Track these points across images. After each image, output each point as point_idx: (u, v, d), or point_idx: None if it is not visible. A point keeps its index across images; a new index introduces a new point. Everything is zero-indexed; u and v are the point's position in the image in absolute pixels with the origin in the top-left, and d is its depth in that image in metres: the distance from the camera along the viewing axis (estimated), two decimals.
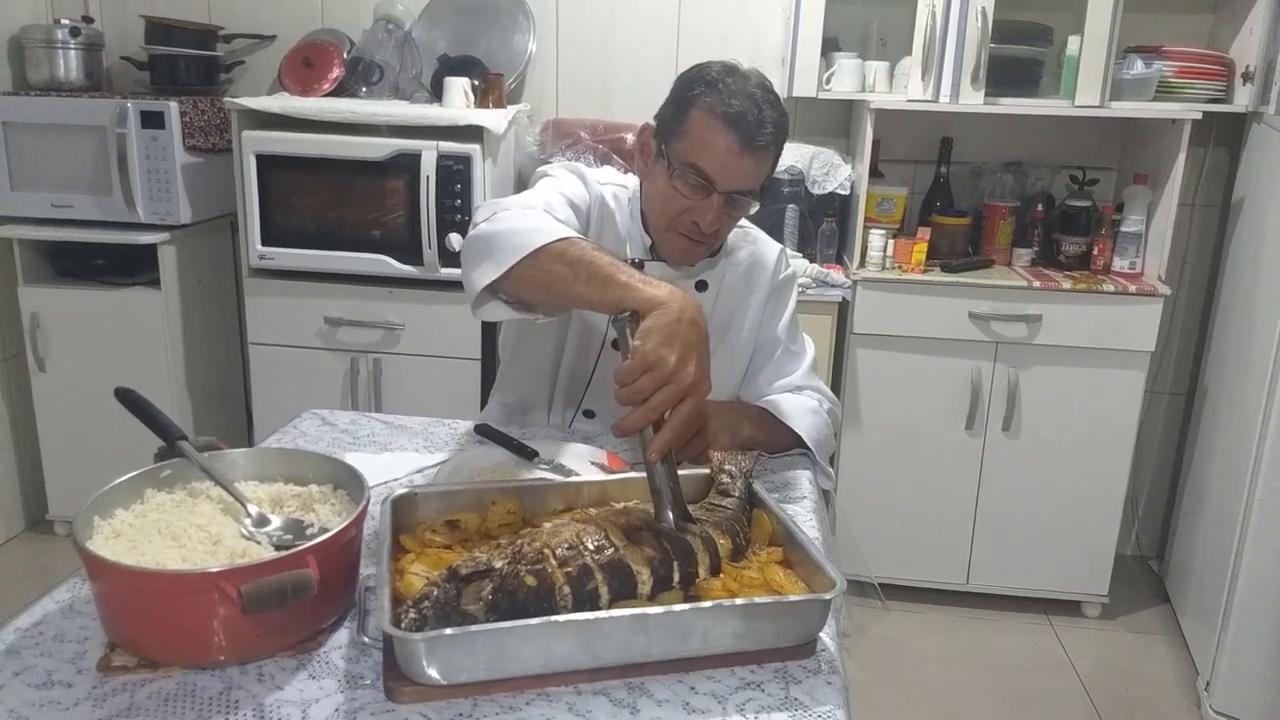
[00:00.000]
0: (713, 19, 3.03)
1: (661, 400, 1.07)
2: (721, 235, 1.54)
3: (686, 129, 1.44)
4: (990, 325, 2.69)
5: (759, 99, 1.42)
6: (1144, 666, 2.70)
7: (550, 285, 1.22)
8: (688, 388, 1.08)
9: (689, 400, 1.09)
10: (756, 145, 1.42)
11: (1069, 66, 2.64)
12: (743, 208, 1.50)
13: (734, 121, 1.40)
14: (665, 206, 1.50)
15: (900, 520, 2.85)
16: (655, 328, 1.10)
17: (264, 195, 2.72)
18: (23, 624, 0.99)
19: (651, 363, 1.08)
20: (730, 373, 1.67)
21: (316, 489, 1.12)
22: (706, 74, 1.45)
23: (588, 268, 1.19)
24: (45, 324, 2.92)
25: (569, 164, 1.62)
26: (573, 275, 1.20)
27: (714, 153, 1.42)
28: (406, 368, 2.83)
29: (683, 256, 1.56)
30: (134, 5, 3.16)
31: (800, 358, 1.68)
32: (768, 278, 1.67)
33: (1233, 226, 2.79)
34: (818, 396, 1.64)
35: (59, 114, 2.80)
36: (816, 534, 1.28)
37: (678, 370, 1.08)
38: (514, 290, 1.27)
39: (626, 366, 1.09)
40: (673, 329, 1.10)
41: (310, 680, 0.93)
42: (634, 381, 1.08)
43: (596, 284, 1.18)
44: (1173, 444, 3.17)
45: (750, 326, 1.67)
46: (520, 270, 1.23)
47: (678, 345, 1.09)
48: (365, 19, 3.04)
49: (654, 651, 0.94)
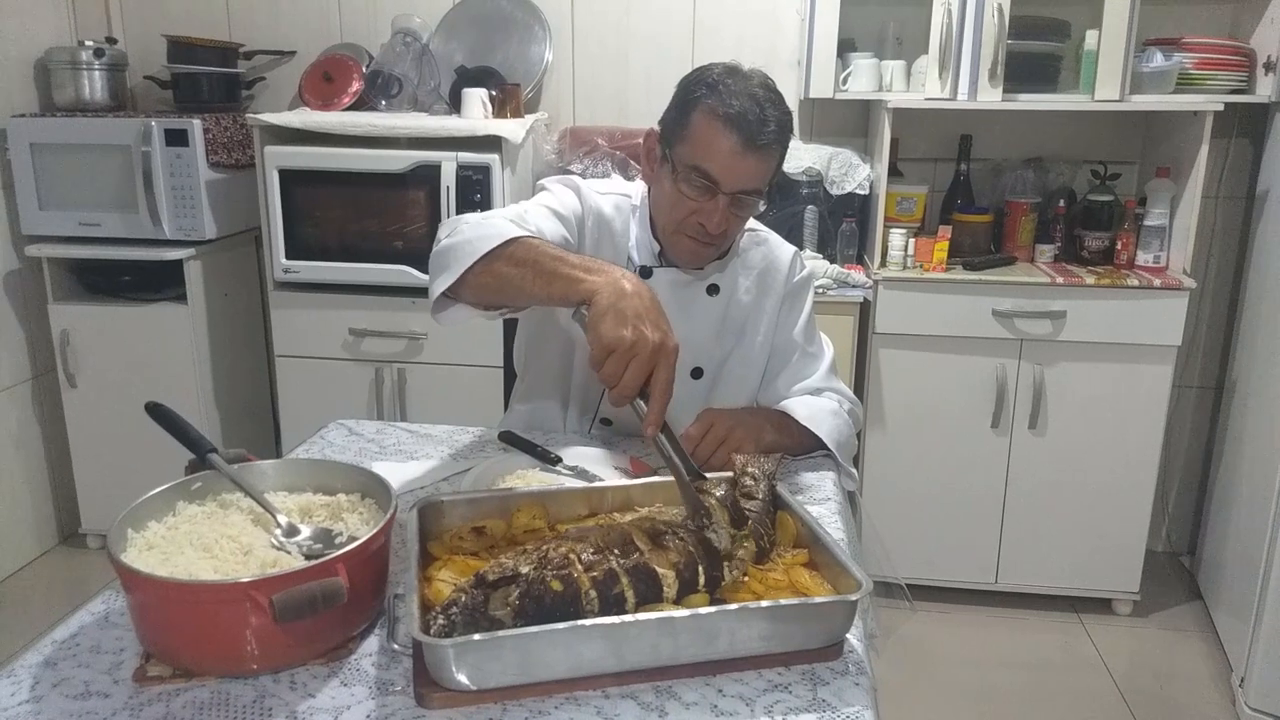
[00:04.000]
0: (727, 23, 3.04)
1: (633, 376, 1.10)
2: (729, 236, 1.55)
3: (689, 131, 1.45)
4: (1014, 323, 2.67)
5: (761, 98, 1.43)
6: (1177, 664, 2.67)
7: (502, 288, 1.27)
8: (652, 354, 1.11)
9: (661, 365, 1.11)
10: (759, 144, 1.42)
11: (1087, 61, 2.62)
12: (749, 208, 1.50)
13: (735, 122, 1.41)
14: (672, 209, 1.50)
15: (927, 520, 2.84)
16: (600, 312, 1.13)
17: (287, 209, 2.75)
18: (59, 636, 1.01)
19: (609, 345, 1.11)
20: (747, 376, 1.67)
21: (345, 498, 1.13)
22: (708, 76, 1.46)
23: (534, 266, 1.23)
24: (75, 341, 2.96)
25: (566, 178, 1.63)
26: (521, 276, 1.24)
27: (717, 154, 1.43)
28: (430, 377, 2.85)
29: (692, 259, 1.57)
30: (156, 25, 3.20)
31: (818, 359, 1.68)
32: (782, 281, 1.67)
33: (1258, 218, 2.76)
34: (838, 398, 1.64)
35: (85, 134, 2.84)
36: (841, 535, 1.28)
37: (636, 343, 1.10)
38: (472, 296, 1.31)
39: (592, 357, 1.13)
40: (617, 307, 1.13)
41: (342, 687, 0.94)
42: (602, 365, 1.11)
43: (543, 281, 1.22)
44: (1202, 438, 3.13)
45: (766, 330, 1.67)
46: (473, 277, 1.27)
47: (628, 319, 1.12)
48: (383, 33, 3.07)
49: (681, 654, 0.94)
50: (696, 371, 1.64)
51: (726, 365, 1.66)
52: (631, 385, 1.10)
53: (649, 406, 1.11)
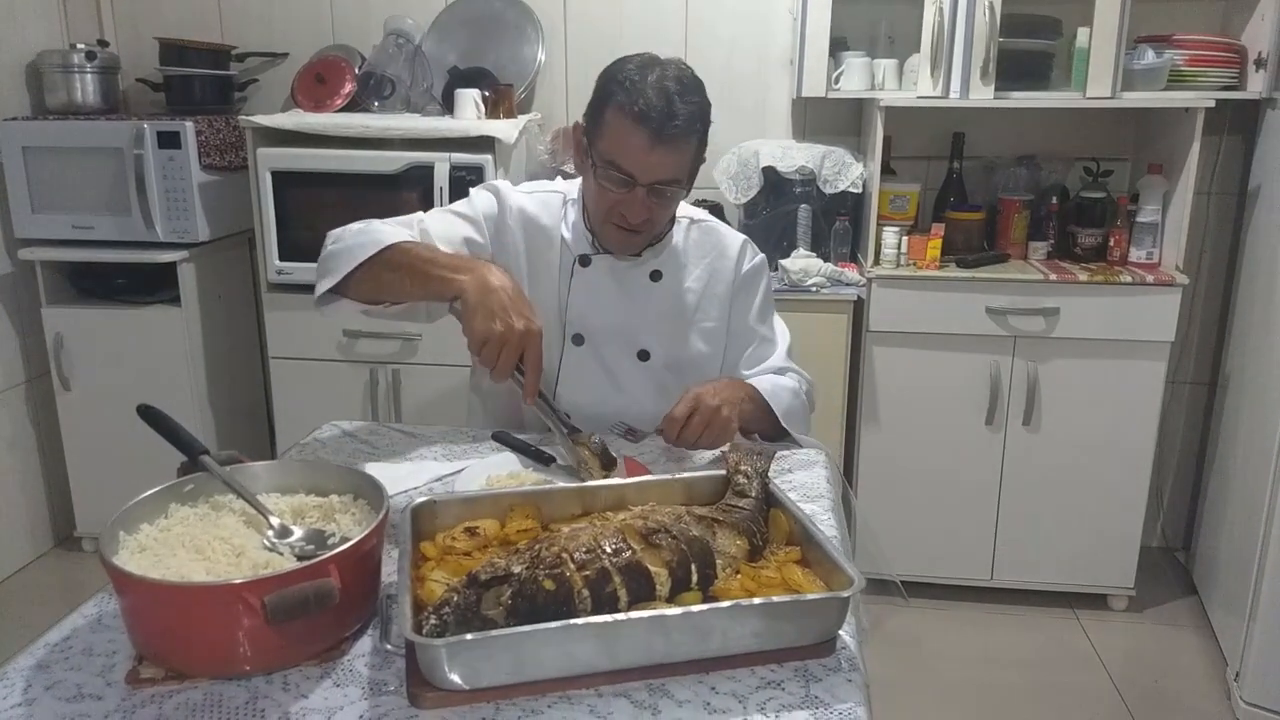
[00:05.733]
0: (719, 23, 3.04)
1: (506, 360, 1.29)
2: (655, 224, 1.60)
3: (604, 128, 1.51)
4: (1008, 320, 2.68)
5: (670, 91, 1.46)
6: (1172, 659, 2.68)
7: (381, 289, 1.44)
8: (520, 340, 1.28)
9: (529, 347, 1.29)
10: (667, 137, 1.46)
11: (1079, 58, 2.62)
12: (669, 197, 1.55)
13: (643, 117, 1.45)
14: (597, 201, 1.57)
15: (922, 517, 2.84)
16: (471, 309, 1.30)
17: (280, 211, 2.75)
18: (52, 639, 1.01)
19: (481, 338, 1.28)
20: (701, 358, 1.72)
21: (337, 499, 1.13)
22: (619, 73, 1.50)
23: (408, 269, 1.39)
24: (69, 344, 2.96)
25: (490, 183, 1.72)
26: (397, 278, 1.40)
27: (628, 149, 1.48)
28: (424, 378, 2.85)
29: (621, 247, 1.63)
30: (148, 28, 3.20)
31: (774, 344, 1.75)
32: (731, 268, 1.72)
33: (1250, 213, 2.77)
34: (797, 378, 1.71)
35: (77, 137, 2.84)
36: (834, 532, 1.28)
37: (504, 333, 1.28)
38: (356, 295, 1.47)
39: (470, 344, 1.30)
40: (484, 303, 1.30)
41: (335, 688, 0.94)
42: (479, 353, 1.29)
43: (418, 281, 1.38)
44: (1196, 434, 3.14)
45: (719, 316, 1.72)
46: (355, 281, 1.43)
47: (495, 311, 1.29)
48: (376, 34, 3.07)
49: (674, 652, 0.94)
50: (643, 354, 1.69)
51: (681, 350, 1.71)
52: (506, 367, 1.29)
53: (525, 380, 1.31)
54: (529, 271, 1.65)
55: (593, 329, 1.66)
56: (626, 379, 1.67)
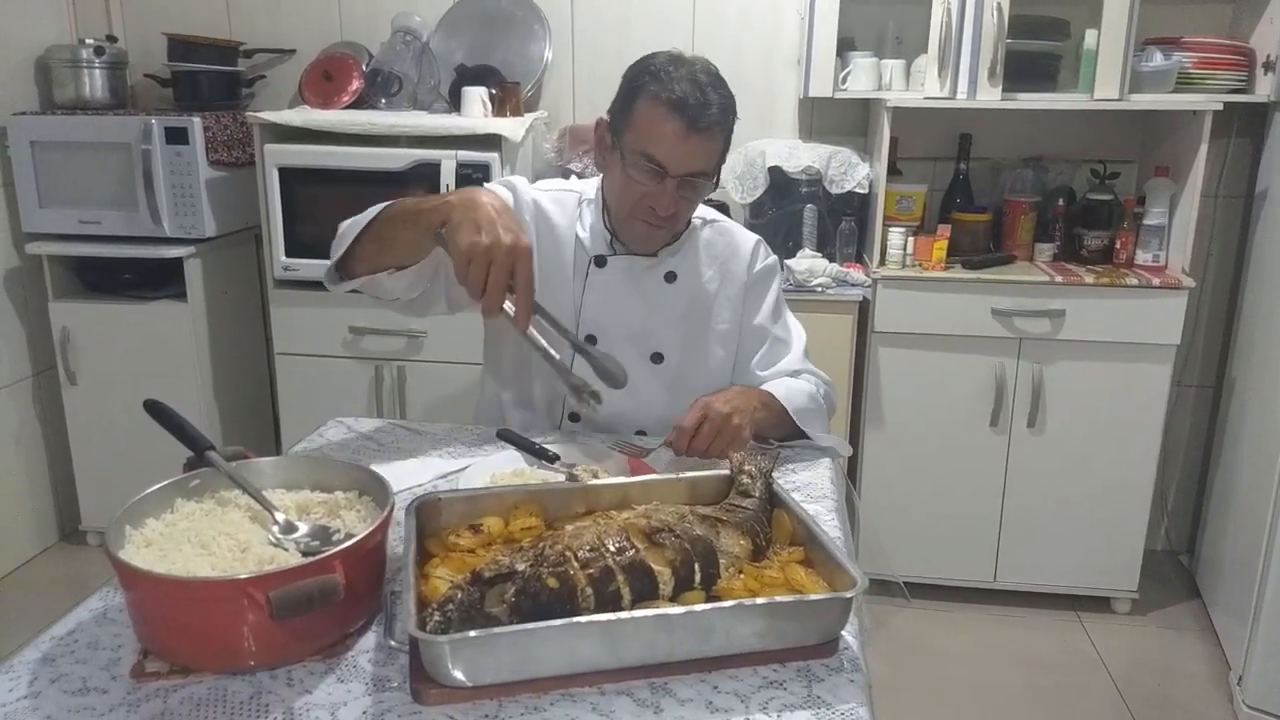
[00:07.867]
0: (727, 22, 3.04)
1: (495, 279, 1.19)
2: (680, 217, 1.59)
3: (635, 119, 1.50)
4: (1013, 321, 2.67)
5: (702, 83, 1.47)
6: (1175, 662, 2.67)
7: (384, 245, 1.40)
8: (508, 254, 1.20)
9: (519, 264, 1.21)
10: (702, 126, 1.46)
11: (1087, 60, 2.62)
12: (698, 189, 1.54)
13: (678, 106, 1.45)
14: (623, 195, 1.55)
15: (926, 518, 2.84)
16: (456, 224, 1.23)
17: (287, 207, 2.75)
18: (58, 633, 1.02)
19: (466, 252, 1.19)
20: (715, 361, 1.71)
21: (342, 495, 1.13)
22: (650, 65, 1.50)
23: (400, 217, 1.37)
24: (75, 338, 2.97)
25: (506, 179, 1.70)
26: (393, 229, 1.38)
27: (662, 138, 1.47)
28: (430, 375, 2.85)
29: (645, 243, 1.62)
30: (156, 23, 3.20)
31: (789, 344, 1.73)
32: (744, 268, 1.71)
33: (1257, 217, 2.76)
34: (814, 380, 1.69)
35: (85, 132, 2.85)
36: (838, 533, 1.28)
37: (491, 246, 1.19)
38: (366, 265, 1.45)
39: (455, 270, 1.22)
40: (471, 217, 1.22)
41: (338, 684, 0.94)
42: (465, 275, 1.20)
43: (410, 223, 1.34)
44: (1201, 437, 3.13)
45: (731, 318, 1.71)
46: (359, 249, 1.43)
47: (481, 226, 1.21)
48: (383, 31, 3.07)
49: (677, 651, 0.95)
50: (657, 357, 1.68)
51: (695, 353, 1.69)
52: (496, 288, 1.19)
53: (516, 304, 1.21)
54: (542, 270, 1.64)
55: (606, 331, 1.64)
56: (639, 382, 1.65)
